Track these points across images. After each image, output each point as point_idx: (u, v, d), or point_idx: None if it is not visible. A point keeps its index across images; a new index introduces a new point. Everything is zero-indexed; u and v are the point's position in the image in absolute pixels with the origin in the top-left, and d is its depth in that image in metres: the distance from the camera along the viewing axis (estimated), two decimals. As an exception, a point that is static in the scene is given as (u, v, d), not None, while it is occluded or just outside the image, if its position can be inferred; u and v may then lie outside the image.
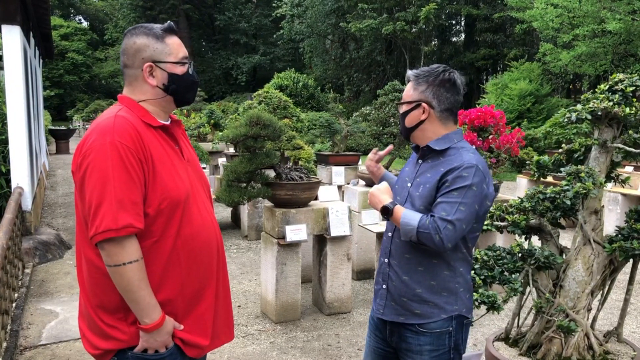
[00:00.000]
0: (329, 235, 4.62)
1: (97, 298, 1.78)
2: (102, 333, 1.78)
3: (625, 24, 13.13)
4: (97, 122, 1.78)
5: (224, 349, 4.02)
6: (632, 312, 4.89)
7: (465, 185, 1.96)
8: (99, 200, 1.66)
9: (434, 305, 2.07)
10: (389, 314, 2.14)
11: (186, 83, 1.90)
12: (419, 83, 2.10)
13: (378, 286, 2.22)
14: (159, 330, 1.75)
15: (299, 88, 23.46)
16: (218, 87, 39.35)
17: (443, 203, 1.96)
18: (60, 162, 16.47)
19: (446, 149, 2.08)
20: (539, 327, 2.99)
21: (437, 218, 1.93)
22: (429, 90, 2.09)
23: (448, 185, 1.98)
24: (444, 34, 30.49)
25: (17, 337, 4.13)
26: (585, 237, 2.95)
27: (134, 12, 37.79)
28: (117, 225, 1.65)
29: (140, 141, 1.74)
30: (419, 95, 2.10)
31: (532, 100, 17.22)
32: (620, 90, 2.87)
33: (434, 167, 2.09)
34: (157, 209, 1.75)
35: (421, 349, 2.09)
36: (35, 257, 6.21)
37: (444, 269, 2.07)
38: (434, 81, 2.08)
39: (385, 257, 2.17)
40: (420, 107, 2.11)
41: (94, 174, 1.68)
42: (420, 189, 2.06)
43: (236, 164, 4.37)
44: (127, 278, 1.68)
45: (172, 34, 1.87)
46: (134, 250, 1.69)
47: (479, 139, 5.12)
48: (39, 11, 8.23)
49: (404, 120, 2.15)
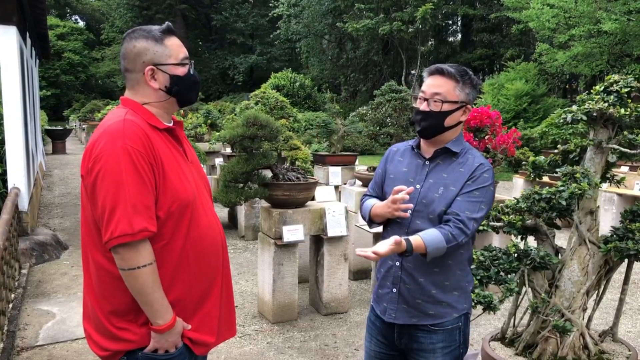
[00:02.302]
0: (326, 236, 4.63)
1: (107, 301, 1.78)
2: (111, 335, 1.79)
3: (621, 24, 13.17)
4: (105, 126, 1.77)
5: (221, 349, 4.02)
6: (627, 312, 4.92)
7: (486, 186, 2.03)
8: (113, 204, 1.67)
9: (447, 305, 2.09)
10: (402, 318, 2.12)
11: (188, 83, 1.90)
12: (465, 83, 2.06)
13: (386, 290, 2.15)
14: (171, 331, 1.77)
15: (296, 88, 23.45)
16: (215, 87, 39.29)
17: (466, 202, 2.00)
18: (57, 163, 16.43)
19: (460, 150, 2.11)
20: (535, 327, 3.00)
21: (464, 217, 1.97)
22: (471, 92, 2.09)
23: (470, 184, 2.02)
24: (440, 34, 30.53)
25: (13, 338, 4.12)
26: (580, 238, 2.96)
27: (130, 12, 37.68)
28: (133, 229, 1.66)
29: (150, 145, 1.75)
30: (465, 96, 2.07)
31: (528, 100, 17.26)
32: (616, 92, 2.89)
33: (449, 168, 2.08)
34: (167, 211, 1.76)
35: (434, 347, 2.11)
36: (32, 258, 6.20)
37: (457, 269, 2.10)
38: (474, 84, 2.09)
39: (397, 260, 2.10)
40: (463, 109, 2.09)
41: (106, 178, 1.68)
42: (440, 190, 2.04)
43: (233, 164, 4.37)
44: (142, 281, 1.70)
45: (171, 35, 1.87)
46: (147, 253, 1.71)
47: (475, 139, 5.13)
48: (36, 11, 8.22)
49: (444, 119, 2.06)
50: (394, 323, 2.14)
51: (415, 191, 2.07)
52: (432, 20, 24.32)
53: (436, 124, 2.06)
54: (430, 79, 2.08)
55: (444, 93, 2.04)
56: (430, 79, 2.08)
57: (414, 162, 2.16)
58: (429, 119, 2.06)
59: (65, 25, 42.37)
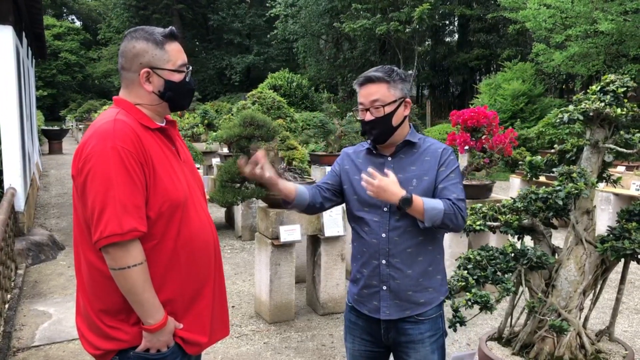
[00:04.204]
0: (322, 236, 4.63)
1: (99, 300, 1.79)
2: (103, 334, 1.79)
3: (617, 25, 13.19)
4: (96, 126, 1.78)
5: (217, 350, 4.02)
6: (624, 312, 4.93)
7: (457, 166, 2.16)
8: (103, 204, 1.67)
9: (433, 290, 2.17)
10: (395, 313, 2.14)
11: (182, 90, 1.90)
12: (395, 81, 2.12)
13: (373, 289, 2.16)
14: (162, 330, 1.77)
15: (293, 88, 23.40)
16: (212, 87, 39.23)
17: (449, 186, 2.10)
18: (53, 163, 16.40)
19: (418, 140, 2.19)
20: (532, 327, 3.01)
21: (455, 199, 2.05)
22: (404, 86, 2.16)
23: (444, 170, 2.12)
24: (437, 34, 30.53)
25: (10, 339, 4.11)
26: (577, 237, 2.97)
27: (127, 11, 37.59)
28: (122, 229, 1.66)
29: (141, 144, 1.75)
30: (400, 92, 2.14)
31: (525, 100, 17.27)
32: (612, 91, 2.89)
33: (415, 159, 2.15)
34: (158, 211, 1.76)
35: (422, 337, 2.16)
36: (28, 258, 6.18)
37: (436, 253, 2.19)
38: (403, 78, 2.16)
39: (383, 258, 2.12)
40: (403, 104, 2.15)
41: (96, 178, 1.68)
42: (414, 182, 2.11)
43: (230, 164, 4.37)
44: (132, 281, 1.70)
45: (172, 40, 1.87)
46: (138, 253, 1.71)
47: (472, 139, 5.14)
48: (32, 11, 8.20)
49: (391, 120, 2.11)
50: (380, 319, 2.17)
51: None
52: (429, 21, 24.30)
53: (385, 127, 2.13)
54: (363, 89, 2.14)
55: (381, 97, 2.10)
56: (363, 89, 2.14)
57: (376, 162, 2.20)
58: (378, 126, 2.12)
59: (62, 25, 42.31)
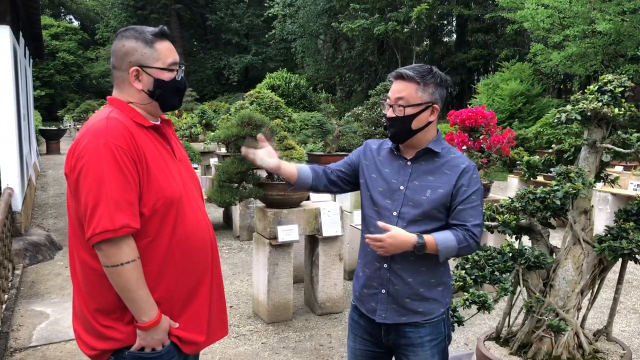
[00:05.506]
0: (320, 236, 4.63)
1: (93, 299, 1.78)
2: (98, 334, 1.79)
3: (615, 25, 13.21)
4: (89, 125, 1.79)
5: (215, 350, 4.01)
6: (622, 311, 4.93)
7: (479, 188, 2.07)
8: (95, 201, 1.67)
9: (433, 301, 2.14)
10: (392, 317, 2.13)
11: (172, 89, 1.90)
12: (427, 84, 2.04)
13: (373, 291, 2.16)
14: (156, 328, 1.77)
15: (291, 88, 23.39)
16: (210, 87, 39.21)
17: (469, 209, 2.04)
18: (51, 163, 16.37)
19: (441, 150, 2.11)
20: (530, 327, 3.01)
21: (471, 226, 2.02)
22: (436, 91, 2.07)
23: (466, 190, 2.04)
24: (435, 34, 30.54)
25: (7, 339, 4.10)
26: (575, 237, 2.97)
27: (125, 11, 37.54)
28: (115, 225, 1.66)
29: (134, 142, 1.75)
30: (429, 97, 2.05)
31: (523, 100, 17.29)
32: (609, 91, 2.89)
33: (434, 169, 2.09)
34: (152, 208, 1.76)
35: (422, 341, 2.14)
36: (26, 258, 6.17)
37: (440, 266, 2.15)
38: (440, 82, 2.07)
39: (385, 262, 2.11)
40: (429, 109, 2.07)
41: (88, 176, 1.69)
42: (428, 193, 2.05)
43: (228, 164, 4.36)
44: (125, 278, 1.70)
45: (163, 39, 1.87)
46: (131, 250, 1.71)
47: (470, 139, 5.14)
48: (29, 10, 8.18)
49: (410, 122, 2.05)
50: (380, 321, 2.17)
51: (400, 193, 2.09)
52: (427, 21, 24.32)
53: (403, 128, 2.07)
54: (394, 84, 2.09)
55: (406, 97, 2.04)
56: (394, 84, 2.09)
57: (396, 163, 2.16)
58: (396, 125, 2.07)
59: (60, 24, 42.17)
